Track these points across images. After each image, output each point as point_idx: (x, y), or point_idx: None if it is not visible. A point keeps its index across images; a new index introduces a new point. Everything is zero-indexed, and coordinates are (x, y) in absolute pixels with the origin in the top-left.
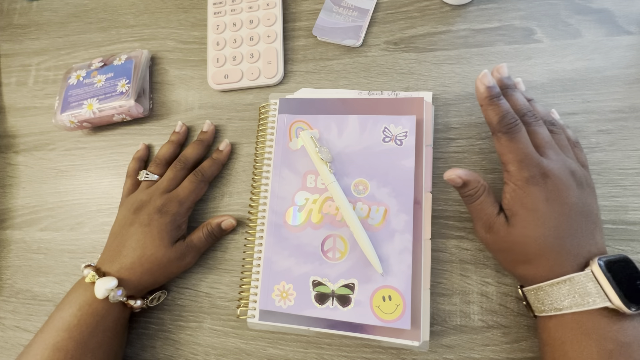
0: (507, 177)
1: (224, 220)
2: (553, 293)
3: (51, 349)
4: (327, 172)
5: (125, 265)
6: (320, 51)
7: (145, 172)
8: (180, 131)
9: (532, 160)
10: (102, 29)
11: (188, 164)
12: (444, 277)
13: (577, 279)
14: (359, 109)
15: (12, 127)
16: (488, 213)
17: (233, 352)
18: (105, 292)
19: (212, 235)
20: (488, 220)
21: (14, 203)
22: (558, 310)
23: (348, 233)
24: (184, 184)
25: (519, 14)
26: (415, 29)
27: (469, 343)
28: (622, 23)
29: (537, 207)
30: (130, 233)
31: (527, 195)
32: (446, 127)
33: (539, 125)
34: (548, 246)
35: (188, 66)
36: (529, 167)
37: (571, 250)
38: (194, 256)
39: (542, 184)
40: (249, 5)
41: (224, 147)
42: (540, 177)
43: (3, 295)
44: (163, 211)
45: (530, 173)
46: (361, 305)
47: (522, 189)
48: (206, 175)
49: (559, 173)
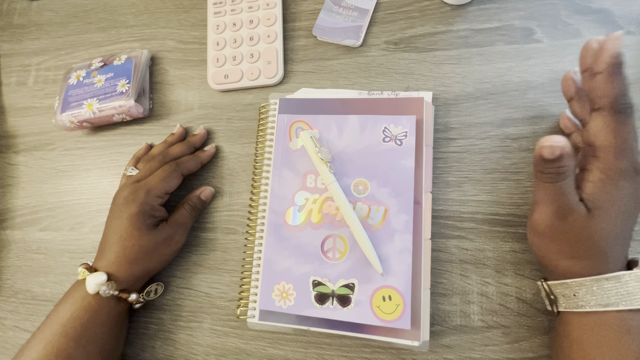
0: (594, 164)
1: (202, 191)
2: (598, 289)
3: (45, 344)
4: (327, 172)
5: (111, 260)
6: (320, 51)
7: (130, 167)
8: (177, 133)
9: (632, 152)
10: (102, 29)
11: (167, 159)
12: (444, 277)
13: (624, 278)
14: (359, 109)
15: (12, 127)
16: (570, 199)
17: (233, 352)
18: (95, 287)
19: (195, 208)
20: (567, 207)
21: (14, 203)
22: (604, 307)
23: (348, 233)
24: (157, 172)
25: (519, 14)
26: (415, 29)
27: (469, 343)
28: (622, 23)
29: (623, 204)
30: (108, 228)
31: (618, 189)
32: (446, 127)
33: None
34: (616, 245)
35: (188, 66)
36: (628, 158)
37: (623, 250)
38: (182, 234)
39: (633, 179)
40: (249, 5)
41: (208, 149)
42: (633, 172)
43: (3, 295)
44: (129, 200)
45: (626, 166)
46: (361, 305)
47: (614, 181)
48: (180, 167)
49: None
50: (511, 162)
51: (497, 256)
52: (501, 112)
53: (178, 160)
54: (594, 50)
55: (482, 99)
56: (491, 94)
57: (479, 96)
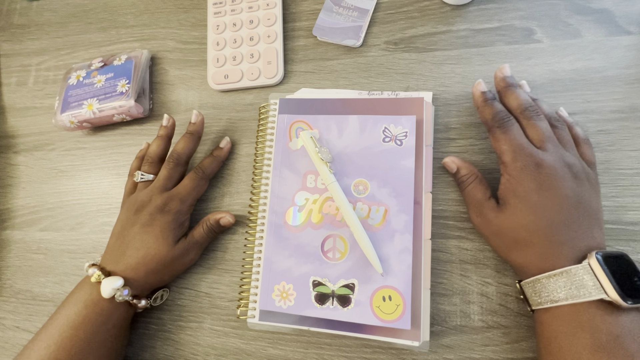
0: (502, 169)
1: (222, 218)
2: (550, 285)
3: (54, 346)
4: (327, 172)
5: (130, 265)
6: (320, 51)
7: (140, 173)
8: (168, 125)
9: (525, 150)
10: (102, 29)
11: (181, 159)
12: (444, 277)
13: (574, 271)
14: (359, 109)
15: (12, 127)
16: (478, 197)
17: (233, 352)
18: (111, 292)
19: (212, 230)
20: (478, 204)
21: (14, 203)
22: (554, 302)
23: (348, 233)
24: (185, 182)
25: (519, 14)
26: (415, 29)
27: (469, 343)
28: (622, 23)
29: (529, 196)
30: (132, 234)
31: (520, 184)
32: (446, 127)
33: (539, 120)
34: (539, 234)
35: (188, 66)
36: (522, 156)
37: (566, 242)
38: (196, 252)
39: (535, 173)
40: (249, 5)
41: (224, 145)
42: (533, 167)
43: (3, 295)
44: (165, 210)
45: (523, 163)
46: (361, 306)
47: (516, 179)
48: (207, 172)
49: (554, 164)
50: None
51: (497, 256)
52: None
53: (202, 166)
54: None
55: None
56: None
57: None
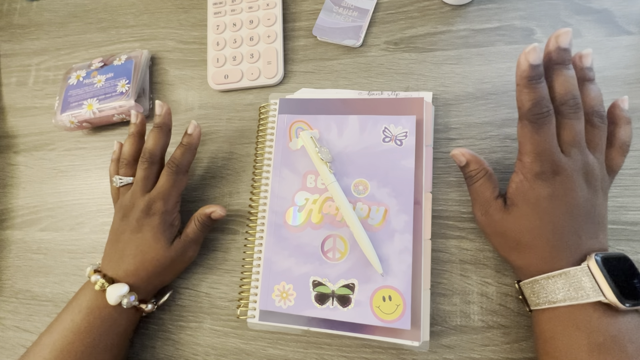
0: (518, 166)
1: (213, 212)
2: (548, 286)
3: (59, 351)
4: (327, 172)
5: (130, 271)
6: (320, 51)
7: (119, 177)
8: (138, 121)
9: (549, 156)
10: (102, 29)
11: (154, 157)
12: (444, 277)
13: (572, 273)
14: (359, 109)
15: (12, 127)
16: (486, 196)
17: (233, 353)
18: (117, 299)
19: (205, 225)
20: (485, 203)
21: (14, 203)
22: (552, 303)
23: (348, 233)
24: (161, 181)
25: (519, 14)
26: (415, 29)
27: (469, 343)
28: (622, 23)
29: (539, 202)
30: (125, 241)
31: (532, 189)
32: (446, 127)
33: (575, 119)
34: (542, 238)
35: (188, 66)
36: (543, 162)
37: (570, 246)
38: (194, 249)
39: (550, 180)
40: (249, 5)
41: (192, 130)
42: (550, 173)
43: (3, 295)
44: (150, 213)
45: (541, 168)
46: (361, 306)
47: (529, 182)
48: (181, 165)
49: (572, 172)
50: (511, 162)
51: (497, 256)
52: (501, 112)
53: (175, 160)
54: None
55: (482, 99)
56: (491, 94)
57: (479, 96)
